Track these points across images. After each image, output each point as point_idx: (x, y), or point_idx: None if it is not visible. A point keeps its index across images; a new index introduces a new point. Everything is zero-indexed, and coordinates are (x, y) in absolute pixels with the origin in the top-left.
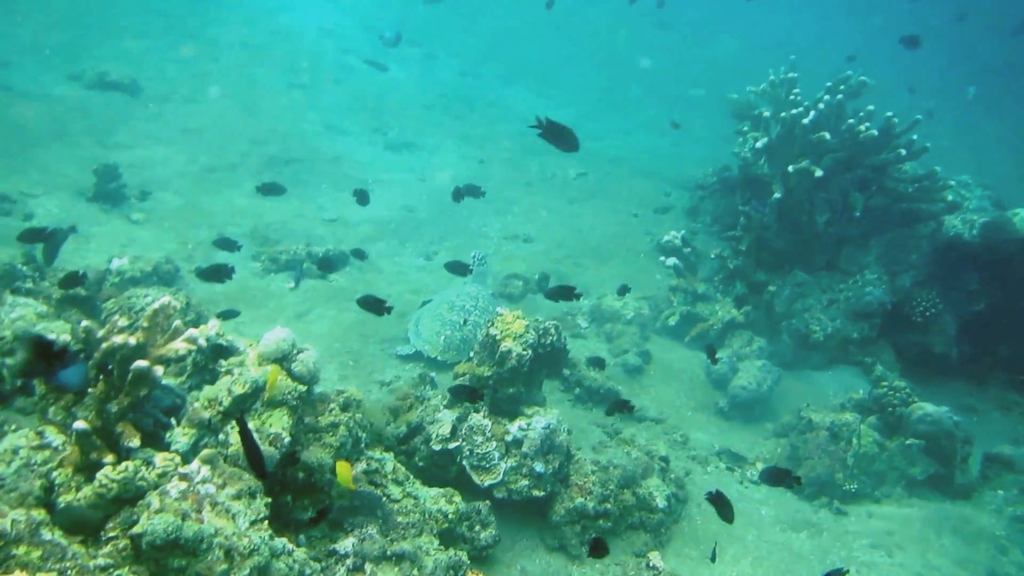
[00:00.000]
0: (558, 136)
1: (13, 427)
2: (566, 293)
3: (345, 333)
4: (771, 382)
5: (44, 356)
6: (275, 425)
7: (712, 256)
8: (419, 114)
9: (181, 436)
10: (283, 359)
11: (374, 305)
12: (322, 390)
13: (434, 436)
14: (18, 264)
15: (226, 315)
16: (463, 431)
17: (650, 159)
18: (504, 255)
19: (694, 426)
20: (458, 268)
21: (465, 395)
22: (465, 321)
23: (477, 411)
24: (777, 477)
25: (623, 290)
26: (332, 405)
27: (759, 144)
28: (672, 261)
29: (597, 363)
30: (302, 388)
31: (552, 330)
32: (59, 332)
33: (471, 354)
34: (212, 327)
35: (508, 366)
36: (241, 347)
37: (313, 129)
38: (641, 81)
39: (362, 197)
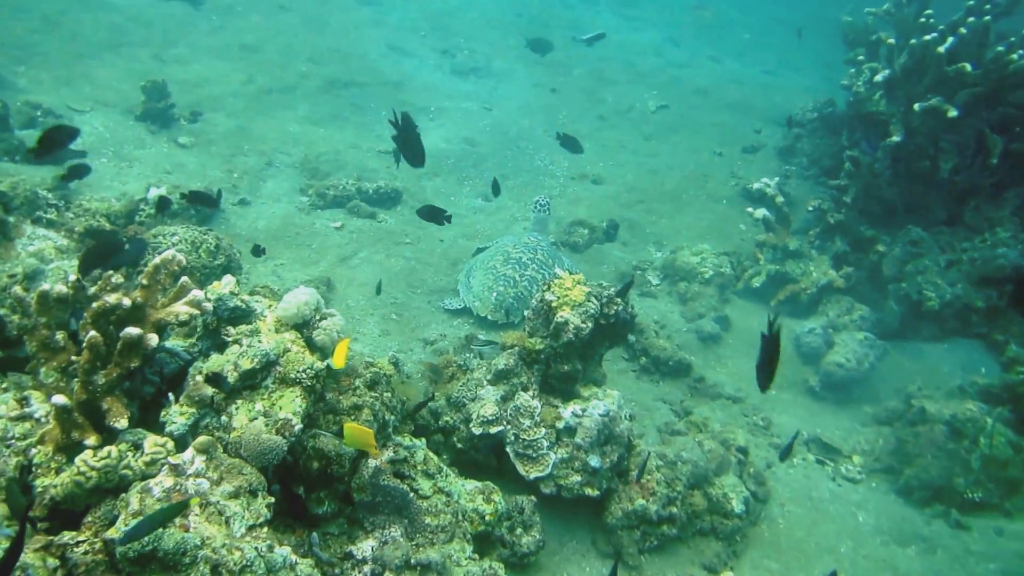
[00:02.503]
0: (406, 145)
1: (3, 386)
2: (435, 215)
3: (391, 281)
4: (873, 359)
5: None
6: (286, 408)
7: (809, 208)
8: (491, 36)
9: (178, 416)
10: (303, 325)
11: (433, 214)
12: (349, 361)
13: (475, 416)
14: (42, 191)
15: (256, 252)
16: (508, 412)
17: (739, 90)
18: (569, 197)
19: (778, 407)
20: (433, 215)
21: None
22: (521, 276)
23: (526, 389)
24: None
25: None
26: (357, 382)
27: (879, 77)
28: (762, 213)
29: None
30: (320, 366)
31: (618, 300)
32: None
33: (524, 318)
34: (226, 285)
35: (563, 340)
36: (258, 309)
37: (377, 49)
38: (733, 1)
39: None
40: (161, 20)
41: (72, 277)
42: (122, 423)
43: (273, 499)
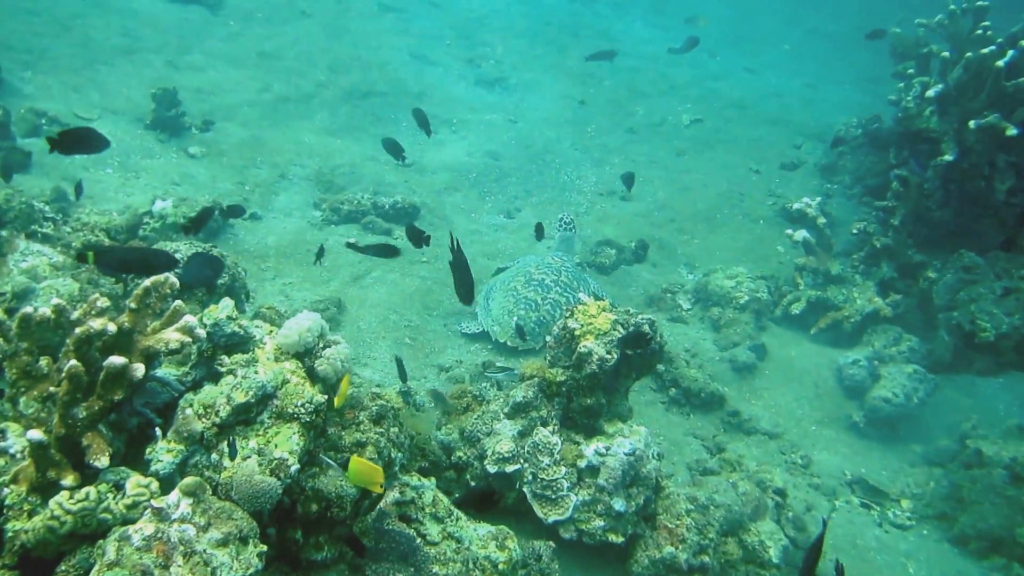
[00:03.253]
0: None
1: None
2: (416, 237)
3: (405, 302)
4: (923, 394)
5: None
6: (282, 447)
7: (853, 231)
8: (518, 45)
9: (165, 453)
10: (305, 354)
11: (414, 236)
12: (355, 390)
13: (490, 453)
14: (39, 203)
15: (319, 255)
16: (526, 449)
17: (778, 104)
18: (597, 215)
19: (819, 444)
20: (414, 237)
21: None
22: (543, 299)
23: (545, 424)
24: None
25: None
26: (362, 416)
27: (931, 92)
28: (802, 235)
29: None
30: (321, 399)
31: (646, 327)
32: (64, 293)
33: (546, 344)
34: (223, 309)
35: (587, 371)
36: (257, 335)
37: (399, 58)
38: (772, 11)
39: (394, 148)
40: (177, 26)
41: (55, 300)
42: (103, 462)
43: (266, 547)
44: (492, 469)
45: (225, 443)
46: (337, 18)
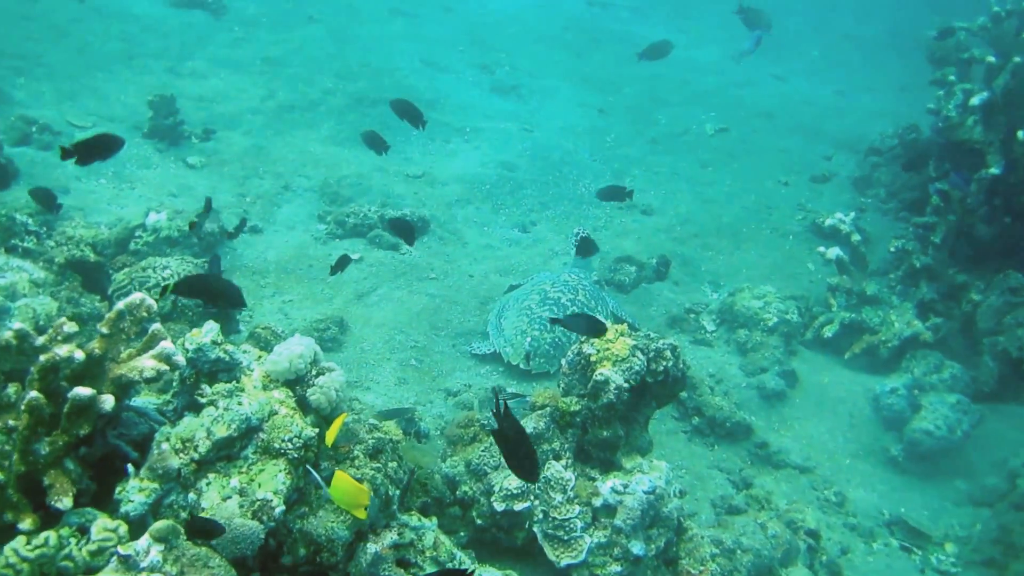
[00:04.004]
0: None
1: None
2: (617, 193)
3: (412, 321)
4: (967, 426)
5: None
6: (266, 486)
7: (891, 249)
8: (535, 50)
9: (137, 492)
10: (297, 382)
11: (400, 229)
12: (355, 418)
13: (498, 488)
14: (21, 216)
15: (339, 264)
16: (537, 484)
17: (808, 112)
18: (616, 230)
19: (854, 480)
20: (403, 230)
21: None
22: None
23: (558, 458)
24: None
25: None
26: (357, 450)
27: (975, 100)
28: (834, 253)
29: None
30: (310, 433)
31: (668, 353)
32: (41, 313)
33: (560, 370)
34: (207, 332)
35: (603, 400)
36: (244, 361)
37: (410, 65)
38: (800, 14)
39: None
40: (179, 31)
41: (16, 324)
42: (65, 503)
43: None
44: (500, 507)
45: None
46: (346, 23)
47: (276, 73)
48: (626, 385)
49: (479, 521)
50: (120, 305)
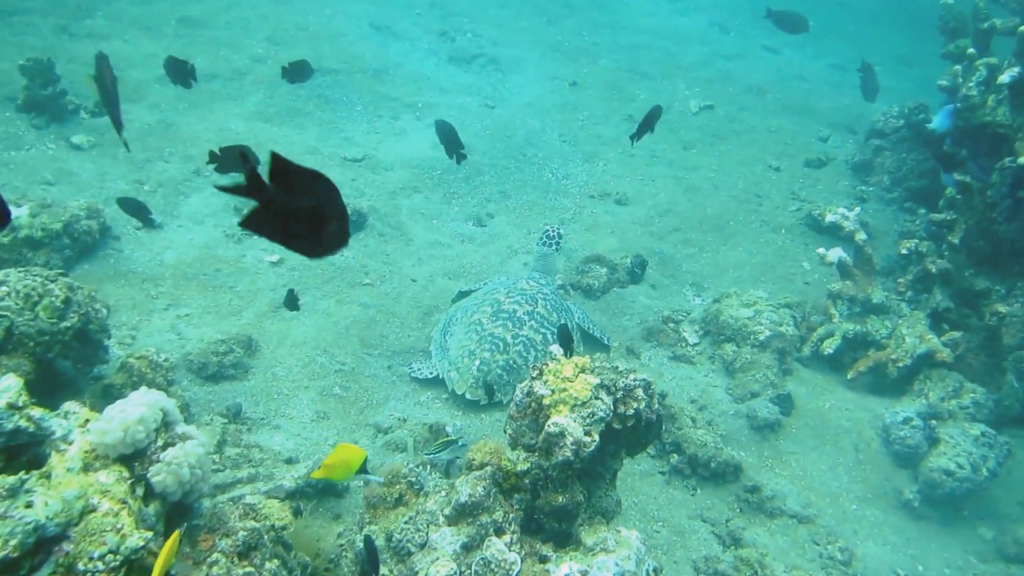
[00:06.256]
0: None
1: None
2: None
3: (340, 338)
4: (994, 463)
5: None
6: None
7: (903, 251)
8: (501, 15)
9: None
10: (136, 456)
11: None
12: (216, 503)
13: None
14: None
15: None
16: (473, 568)
17: (801, 88)
18: (585, 222)
19: (862, 530)
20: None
21: None
22: (514, 338)
23: (500, 532)
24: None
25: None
26: (224, 544)
27: (1004, 77)
28: (836, 255)
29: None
30: (135, 543)
31: (640, 392)
32: None
33: (508, 412)
34: (3, 394)
35: (558, 459)
36: (59, 431)
37: (356, 29)
38: None
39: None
40: None
41: None
42: None
43: None
44: None
45: None
46: None
47: (195, 36)
48: (587, 440)
49: None
50: None
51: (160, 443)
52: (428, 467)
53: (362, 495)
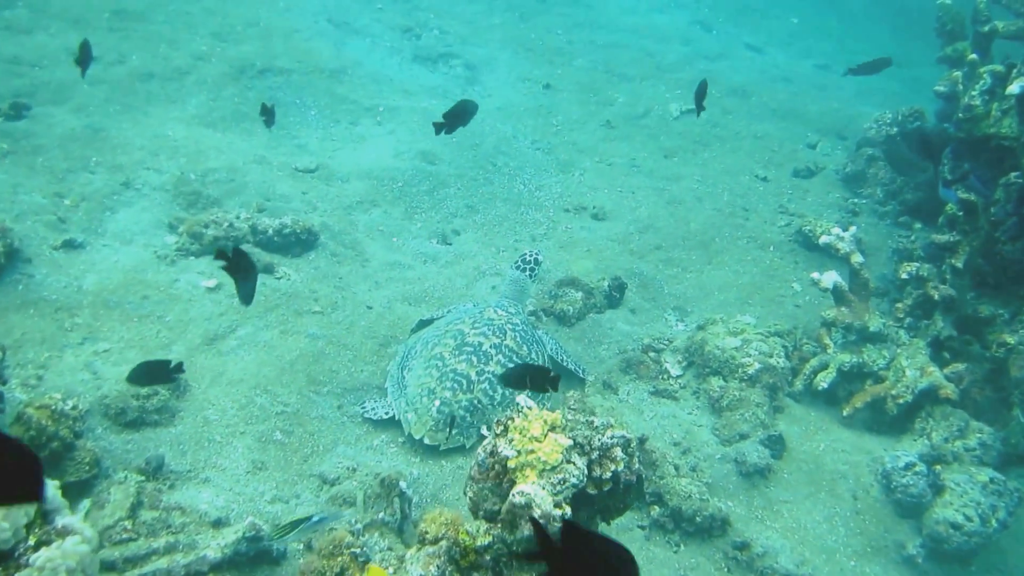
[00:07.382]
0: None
1: None
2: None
3: (283, 375)
4: (1004, 513)
5: None
6: None
7: (903, 275)
8: (470, 11)
9: None
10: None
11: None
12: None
13: None
14: None
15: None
16: None
17: (787, 90)
18: (560, 239)
19: None
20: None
21: None
22: (480, 375)
23: None
24: None
25: None
26: None
27: (1013, 87)
28: (831, 280)
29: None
30: None
31: (618, 452)
32: None
33: (468, 471)
34: None
35: (524, 533)
36: None
37: (312, 25)
38: None
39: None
40: None
41: None
42: None
43: None
44: None
45: None
46: None
47: (130, 30)
48: (557, 512)
49: None
50: None
51: (32, 541)
52: (376, 532)
53: (299, 567)
